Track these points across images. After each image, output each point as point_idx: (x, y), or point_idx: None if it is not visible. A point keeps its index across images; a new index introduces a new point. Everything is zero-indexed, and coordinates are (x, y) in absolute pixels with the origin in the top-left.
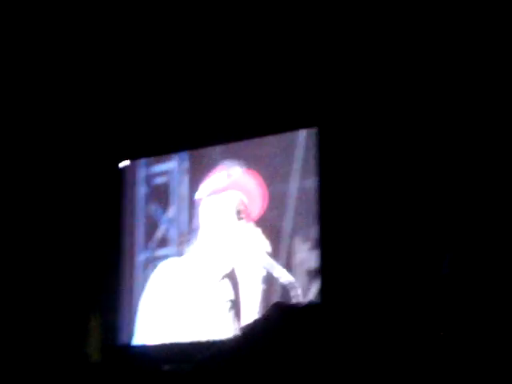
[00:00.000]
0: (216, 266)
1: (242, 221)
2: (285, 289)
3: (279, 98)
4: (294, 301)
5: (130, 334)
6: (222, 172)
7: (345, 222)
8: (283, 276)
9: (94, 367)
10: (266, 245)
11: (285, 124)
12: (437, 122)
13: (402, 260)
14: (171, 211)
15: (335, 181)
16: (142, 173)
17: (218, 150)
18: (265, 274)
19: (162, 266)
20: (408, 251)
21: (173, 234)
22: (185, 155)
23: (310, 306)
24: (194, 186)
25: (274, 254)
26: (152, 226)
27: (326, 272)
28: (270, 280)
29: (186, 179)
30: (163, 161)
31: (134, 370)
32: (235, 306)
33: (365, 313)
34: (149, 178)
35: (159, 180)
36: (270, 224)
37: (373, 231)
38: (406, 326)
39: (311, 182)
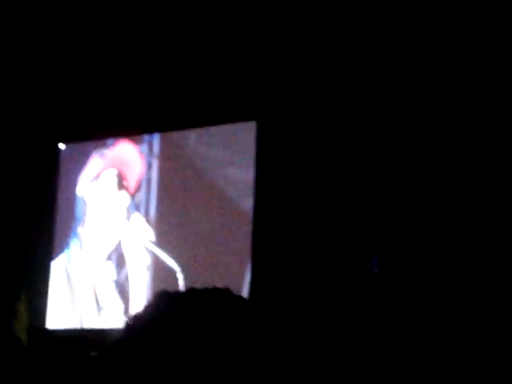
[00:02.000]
0: (102, 245)
1: (123, 193)
2: (169, 273)
3: (218, 90)
4: (179, 286)
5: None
6: (94, 159)
7: (277, 216)
8: (168, 261)
9: (20, 349)
10: (149, 233)
11: (224, 116)
12: (374, 119)
13: (332, 258)
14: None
15: (271, 174)
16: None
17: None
18: (149, 261)
19: (57, 261)
20: (338, 250)
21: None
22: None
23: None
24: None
25: (157, 243)
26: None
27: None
28: (155, 266)
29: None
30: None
31: (58, 353)
32: (121, 285)
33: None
34: None
35: None
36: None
37: (304, 228)
38: (333, 324)
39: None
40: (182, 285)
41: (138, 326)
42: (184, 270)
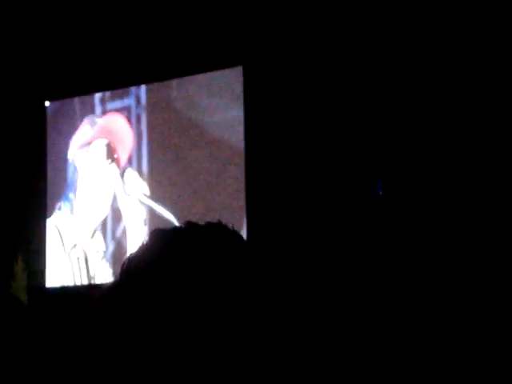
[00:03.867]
0: (93, 216)
1: (113, 165)
2: (168, 225)
3: (203, 37)
4: None
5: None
6: (85, 126)
7: (271, 153)
8: (163, 213)
9: (21, 309)
10: (143, 187)
11: (209, 63)
12: (363, 62)
13: (334, 185)
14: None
15: (260, 113)
16: (97, 110)
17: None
18: (145, 214)
19: (49, 220)
20: (340, 177)
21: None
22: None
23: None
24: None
25: (151, 197)
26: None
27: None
28: (151, 219)
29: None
30: (120, 96)
31: (57, 311)
32: (118, 241)
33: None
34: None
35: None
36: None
37: (301, 160)
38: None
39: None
40: None
41: (135, 265)
42: (181, 221)
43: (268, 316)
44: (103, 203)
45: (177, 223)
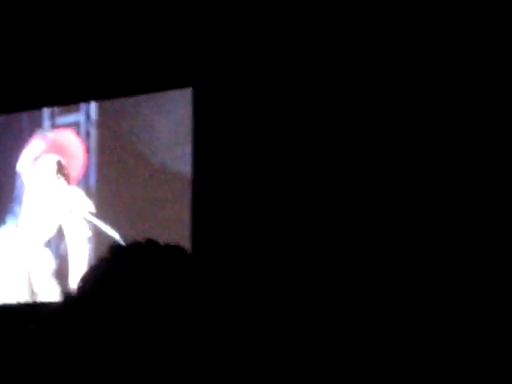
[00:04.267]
0: (39, 233)
1: (62, 182)
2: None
3: (153, 56)
4: None
5: None
6: (36, 140)
7: (219, 181)
8: (109, 231)
9: None
10: (88, 205)
11: (158, 83)
12: (315, 86)
13: (284, 216)
14: None
15: (210, 140)
16: (46, 124)
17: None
18: (90, 233)
19: None
20: (291, 204)
21: None
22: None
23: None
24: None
25: (97, 214)
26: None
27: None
28: (96, 237)
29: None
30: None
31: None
32: (61, 272)
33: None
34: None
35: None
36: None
37: (248, 191)
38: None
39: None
40: None
41: (87, 283)
42: (125, 240)
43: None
44: (50, 220)
45: (122, 242)
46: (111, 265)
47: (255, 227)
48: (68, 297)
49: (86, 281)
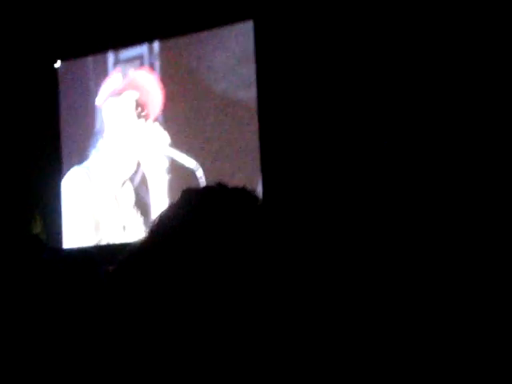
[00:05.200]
0: (120, 168)
1: (141, 119)
2: (190, 174)
3: None
4: (200, 184)
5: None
6: (117, 74)
7: (283, 112)
8: (186, 161)
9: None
10: (166, 137)
11: (218, 18)
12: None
13: (341, 141)
14: None
15: (272, 71)
16: (110, 60)
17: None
18: (168, 164)
19: (69, 174)
20: (347, 134)
21: None
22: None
23: (220, 187)
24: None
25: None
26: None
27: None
28: (174, 168)
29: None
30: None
31: (78, 272)
32: (143, 206)
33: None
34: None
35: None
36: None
37: (310, 117)
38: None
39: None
40: (202, 180)
41: (166, 225)
42: (203, 169)
43: (286, 280)
44: (130, 155)
45: (199, 172)
46: (183, 210)
47: (320, 161)
48: (142, 244)
49: (160, 226)
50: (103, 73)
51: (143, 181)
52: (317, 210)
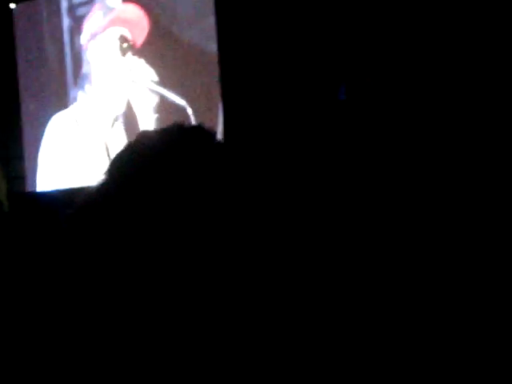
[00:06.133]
0: (109, 107)
1: (127, 55)
2: (179, 112)
3: None
4: (191, 122)
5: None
6: (97, 12)
7: (242, 56)
8: (175, 99)
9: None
10: (153, 74)
11: None
12: None
13: (301, 89)
14: None
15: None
16: (63, 3)
17: None
18: (157, 101)
19: (55, 118)
20: (306, 80)
21: None
22: None
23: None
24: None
25: (163, 82)
26: (79, 61)
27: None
28: (162, 106)
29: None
30: None
31: (40, 216)
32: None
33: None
34: (72, 9)
35: (83, 10)
36: (157, 53)
37: (273, 57)
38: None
39: None
40: (191, 118)
41: (120, 167)
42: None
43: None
44: (118, 94)
45: (189, 110)
46: (139, 152)
47: (277, 106)
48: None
49: (117, 168)
50: (55, 14)
51: (133, 119)
52: (274, 153)
